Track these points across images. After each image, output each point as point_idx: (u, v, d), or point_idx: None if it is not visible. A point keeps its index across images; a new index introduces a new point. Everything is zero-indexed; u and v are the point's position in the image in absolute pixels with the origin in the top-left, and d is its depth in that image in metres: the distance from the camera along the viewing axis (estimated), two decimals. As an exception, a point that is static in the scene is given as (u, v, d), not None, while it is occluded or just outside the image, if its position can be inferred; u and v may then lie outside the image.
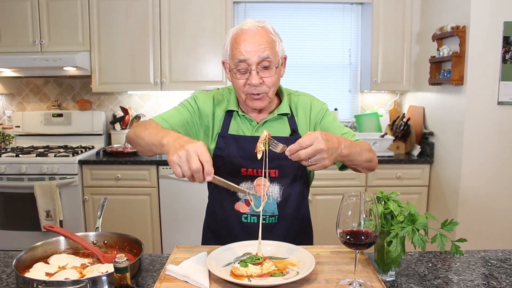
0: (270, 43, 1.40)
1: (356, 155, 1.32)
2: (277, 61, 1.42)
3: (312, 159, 1.17)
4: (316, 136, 1.16)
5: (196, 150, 1.11)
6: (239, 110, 1.52)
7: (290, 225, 1.53)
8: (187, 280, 1.10)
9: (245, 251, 1.26)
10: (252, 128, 1.52)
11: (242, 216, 1.50)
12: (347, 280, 1.10)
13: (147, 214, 3.32)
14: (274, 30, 1.46)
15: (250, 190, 1.46)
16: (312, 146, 1.15)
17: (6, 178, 3.22)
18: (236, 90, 1.47)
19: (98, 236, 1.39)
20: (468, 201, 2.91)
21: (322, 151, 1.15)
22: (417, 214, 1.16)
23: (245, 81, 1.41)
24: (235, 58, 1.40)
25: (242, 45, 1.38)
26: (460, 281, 1.20)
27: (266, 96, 1.44)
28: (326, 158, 1.17)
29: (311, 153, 1.15)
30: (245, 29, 1.40)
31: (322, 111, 1.56)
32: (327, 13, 3.85)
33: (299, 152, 1.15)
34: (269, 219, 1.49)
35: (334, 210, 3.19)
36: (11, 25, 3.44)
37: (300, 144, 1.15)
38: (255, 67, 1.38)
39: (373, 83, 3.59)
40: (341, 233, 1.06)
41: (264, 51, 1.37)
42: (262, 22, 1.44)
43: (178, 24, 3.46)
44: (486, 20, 2.75)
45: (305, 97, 1.59)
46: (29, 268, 1.22)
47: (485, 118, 2.83)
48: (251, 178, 1.49)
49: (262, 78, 1.39)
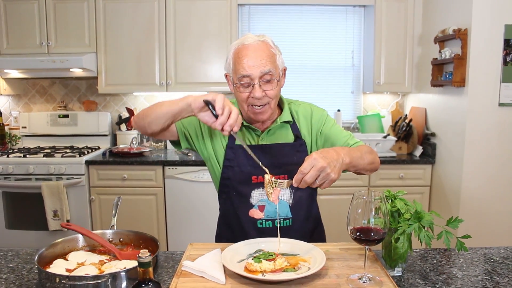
0: (271, 57, 1.46)
1: (358, 159, 1.37)
2: (278, 74, 1.48)
3: (318, 179, 1.21)
4: (313, 158, 1.21)
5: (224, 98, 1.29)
6: (244, 121, 1.57)
7: (304, 226, 1.58)
8: (203, 276, 1.15)
9: (257, 248, 1.31)
10: (257, 137, 1.58)
11: (258, 222, 1.54)
12: (357, 275, 1.15)
13: (153, 214, 3.37)
14: (273, 43, 1.51)
15: (262, 196, 1.52)
16: (313, 168, 1.20)
17: (14, 178, 3.26)
18: (240, 102, 1.52)
19: (114, 234, 1.44)
20: (469, 200, 2.95)
21: (324, 168, 1.20)
22: (423, 212, 1.21)
23: (248, 94, 1.46)
24: (238, 73, 1.45)
25: (244, 60, 1.43)
26: (464, 276, 1.25)
27: (269, 107, 1.50)
28: (331, 172, 1.21)
29: (315, 175, 1.20)
30: (247, 45, 1.45)
31: (323, 118, 1.62)
32: (330, 16, 3.90)
33: (304, 178, 1.21)
34: (283, 222, 1.54)
35: (338, 209, 3.27)
36: (18, 27, 3.49)
37: (302, 171, 1.20)
38: (257, 81, 1.43)
39: (375, 85, 3.64)
40: (351, 230, 1.11)
41: (265, 66, 1.43)
42: (262, 36, 1.50)
43: (184, 26, 3.51)
44: (488, 23, 2.80)
45: (305, 106, 1.65)
46: (49, 264, 1.27)
47: (486, 119, 2.88)
48: (261, 185, 1.53)
49: (264, 91, 1.45)
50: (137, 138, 3.75)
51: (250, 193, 1.55)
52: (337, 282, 1.12)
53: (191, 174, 3.31)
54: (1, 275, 1.27)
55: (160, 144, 3.88)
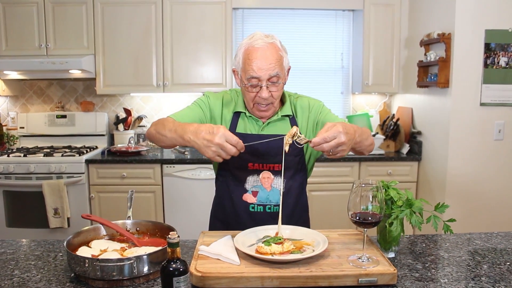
0: (279, 60, 1.56)
1: (365, 141, 1.50)
2: (284, 76, 1.60)
3: (333, 150, 1.32)
4: (339, 131, 1.29)
5: (224, 138, 1.31)
6: (247, 112, 1.70)
7: (291, 213, 1.71)
8: (219, 258, 1.28)
9: (265, 234, 1.44)
10: (258, 128, 1.70)
11: (250, 206, 1.68)
12: (356, 255, 1.29)
13: (151, 211, 3.48)
14: (281, 44, 1.62)
15: (257, 182, 1.67)
16: (335, 140, 1.29)
17: (14, 177, 3.34)
18: (246, 100, 1.64)
19: (132, 224, 1.56)
20: (453, 195, 3.13)
21: (344, 144, 1.31)
22: (414, 199, 1.36)
23: (255, 94, 1.58)
24: (247, 73, 1.56)
25: (254, 62, 1.53)
26: (450, 257, 1.40)
27: (272, 106, 1.63)
28: (346, 149, 1.34)
29: (333, 146, 1.30)
30: (257, 47, 1.55)
31: (319, 108, 1.74)
32: (320, 19, 4.05)
33: (323, 145, 1.30)
34: (273, 208, 1.67)
35: (329, 205, 3.43)
36: (17, 29, 3.56)
37: (325, 138, 1.29)
38: (265, 83, 1.55)
39: (364, 86, 3.81)
40: (352, 214, 1.25)
41: (274, 69, 1.54)
42: (271, 37, 1.59)
43: (180, 29, 3.63)
44: (469, 28, 2.97)
45: (303, 99, 1.77)
46: (75, 251, 1.38)
47: (468, 118, 3.06)
48: (257, 171, 1.67)
49: (270, 92, 1.57)
50: (134, 137, 3.86)
51: (245, 179, 1.67)
52: (339, 261, 1.26)
53: (189, 172, 3.43)
54: (29, 262, 1.38)
55: (156, 143, 3.98)
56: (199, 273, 1.18)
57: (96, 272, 1.20)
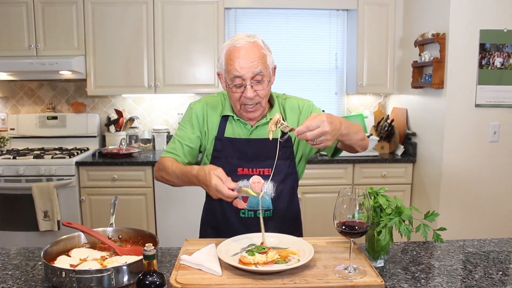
0: (262, 57, 1.53)
1: (353, 134, 1.46)
2: (268, 74, 1.56)
3: (317, 140, 1.31)
4: (322, 120, 1.29)
5: (215, 191, 1.37)
6: (234, 115, 1.66)
7: (283, 219, 1.67)
8: (201, 268, 1.23)
9: (250, 242, 1.40)
10: (247, 131, 1.66)
11: (240, 212, 1.63)
12: (343, 265, 1.25)
13: (142, 214, 3.43)
14: (264, 43, 1.59)
15: (247, 187, 1.61)
16: (319, 129, 1.28)
17: (3, 180, 3.29)
18: (232, 101, 1.61)
19: (113, 231, 1.52)
20: (448, 197, 3.09)
21: (327, 133, 1.29)
22: (403, 207, 1.32)
23: (240, 94, 1.54)
24: (230, 74, 1.52)
25: (236, 62, 1.50)
26: (441, 266, 1.36)
27: (260, 106, 1.59)
28: (330, 139, 1.31)
29: (317, 135, 1.29)
30: (239, 47, 1.52)
31: (310, 108, 1.71)
32: (314, 19, 4.01)
33: (306, 133, 1.29)
34: (264, 213, 1.62)
35: (322, 207, 3.39)
36: (6, 30, 3.50)
37: (308, 126, 1.29)
38: (249, 82, 1.51)
39: (358, 86, 3.77)
40: (337, 224, 1.21)
41: (257, 67, 1.51)
42: (253, 36, 1.56)
43: (172, 29, 3.58)
44: (464, 28, 2.94)
45: (292, 100, 1.73)
46: (53, 260, 1.33)
47: (463, 119, 3.02)
48: (247, 176, 1.63)
49: (256, 91, 1.53)
50: (125, 139, 3.81)
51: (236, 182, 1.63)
52: (325, 272, 1.22)
53: (180, 174, 3.37)
54: (6, 272, 1.34)
55: (148, 145, 3.94)
56: (178, 284, 1.14)
57: (72, 284, 1.16)
